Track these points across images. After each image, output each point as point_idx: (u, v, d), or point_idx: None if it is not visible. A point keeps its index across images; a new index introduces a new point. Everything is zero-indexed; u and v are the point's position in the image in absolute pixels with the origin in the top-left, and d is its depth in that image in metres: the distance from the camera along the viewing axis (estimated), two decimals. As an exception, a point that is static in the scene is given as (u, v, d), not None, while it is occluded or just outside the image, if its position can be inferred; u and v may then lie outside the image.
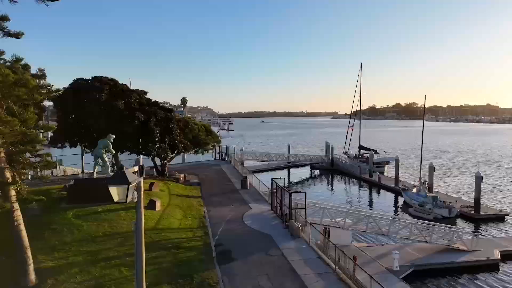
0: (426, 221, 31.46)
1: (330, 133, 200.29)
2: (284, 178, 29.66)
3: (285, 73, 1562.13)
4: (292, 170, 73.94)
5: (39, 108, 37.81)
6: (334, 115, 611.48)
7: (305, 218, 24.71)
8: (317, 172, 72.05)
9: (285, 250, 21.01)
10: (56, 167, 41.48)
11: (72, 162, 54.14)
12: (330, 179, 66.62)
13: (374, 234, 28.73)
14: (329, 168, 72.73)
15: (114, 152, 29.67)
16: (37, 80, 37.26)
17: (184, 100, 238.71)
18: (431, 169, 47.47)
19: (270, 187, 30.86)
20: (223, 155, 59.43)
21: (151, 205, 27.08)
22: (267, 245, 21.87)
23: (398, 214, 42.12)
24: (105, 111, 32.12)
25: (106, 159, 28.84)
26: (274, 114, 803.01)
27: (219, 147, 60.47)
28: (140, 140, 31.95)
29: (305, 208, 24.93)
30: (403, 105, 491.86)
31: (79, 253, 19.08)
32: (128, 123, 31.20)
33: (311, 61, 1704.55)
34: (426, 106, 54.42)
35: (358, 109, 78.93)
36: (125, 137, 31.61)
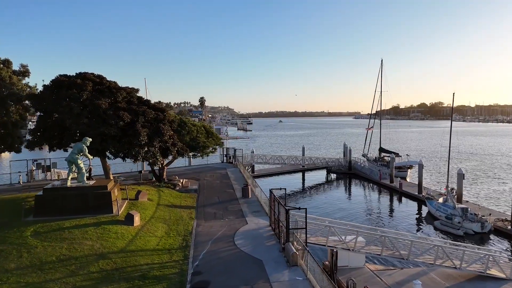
0: (455, 242, 26.68)
1: (350, 134, 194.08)
2: (285, 189, 25.35)
3: (306, 72, 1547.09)
4: (307, 173, 69.55)
5: (22, 107, 35.06)
6: (356, 115, 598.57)
7: (305, 240, 20.45)
8: (333, 176, 67.33)
9: (276, 284, 16.83)
10: None
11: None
12: (347, 184, 61.79)
13: (391, 257, 24.12)
14: (346, 172, 67.86)
15: (91, 157, 26.23)
16: (19, 77, 34.53)
17: (202, 100, 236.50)
18: (460, 176, 42.11)
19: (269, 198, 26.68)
20: (231, 157, 55.53)
21: (128, 219, 23.39)
22: (256, 275, 17.75)
23: (421, 229, 37.13)
24: (87, 111, 28.76)
25: (82, 165, 25.40)
26: (294, 114, 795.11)
27: (226, 149, 56.71)
28: (124, 143, 28.38)
29: (305, 228, 20.62)
30: (428, 105, 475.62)
31: (17, 286, 15.48)
32: (112, 124, 27.71)
33: (333, 59, 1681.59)
34: (453, 105, 48.89)
35: (379, 108, 73.66)
36: (108, 139, 28.14)
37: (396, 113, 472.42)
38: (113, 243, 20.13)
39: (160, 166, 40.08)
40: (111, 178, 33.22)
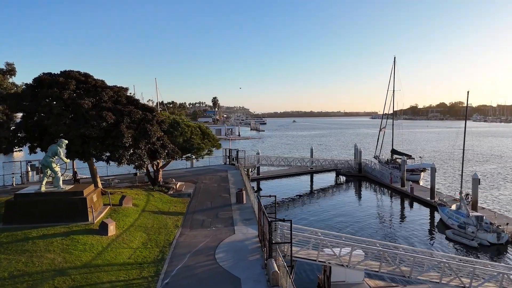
0: (464, 258, 23.95)
1: (365, 134, 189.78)
2: (275, 196, 23.16)
3: (323, 72, 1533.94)
4: (315, 176, 66.92)
5: (8, 107, 33.81)
6: (373, 115, 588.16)
7: (291, 256, 18.25)
8: (343, 178, 64.57)
9: (249, 309, 14.70)
10: None
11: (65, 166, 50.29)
12: (356, 187, 59.00)
13: (390, 275, 21.63)
14: (356, 175, 64.97)
15: (67, 160, 24.60)
16: (6, 76, 33.31)
17: (215, 100, 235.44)
18: (476, 181, 39.01)
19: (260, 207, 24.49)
20: (234, 159, 53.52)
21: (102, 228, 21.61)
22: (230, 296, 15.67)
23: (432, 239, 34.27)
24: (69, 111, 27.21)
25: (57, 169, 23.81)
26: (310, 114, 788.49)
27: (229, 150, 54.78)
28: (108, 145, 26.67)
29: (291, 243, 18.40)
30: (447, 105, 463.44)
31: (-47, 308, 13.82)
32: (94, 125, 26.04)
33: (350, 59, 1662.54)
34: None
35: (392, 108, 70.55)
36: (90, 141, 26.48)
37: (414, 113, 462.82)
38: (78, 256, 18.33)
39: (155, 168, 38.46)
40: (98, 181, 31.71)
